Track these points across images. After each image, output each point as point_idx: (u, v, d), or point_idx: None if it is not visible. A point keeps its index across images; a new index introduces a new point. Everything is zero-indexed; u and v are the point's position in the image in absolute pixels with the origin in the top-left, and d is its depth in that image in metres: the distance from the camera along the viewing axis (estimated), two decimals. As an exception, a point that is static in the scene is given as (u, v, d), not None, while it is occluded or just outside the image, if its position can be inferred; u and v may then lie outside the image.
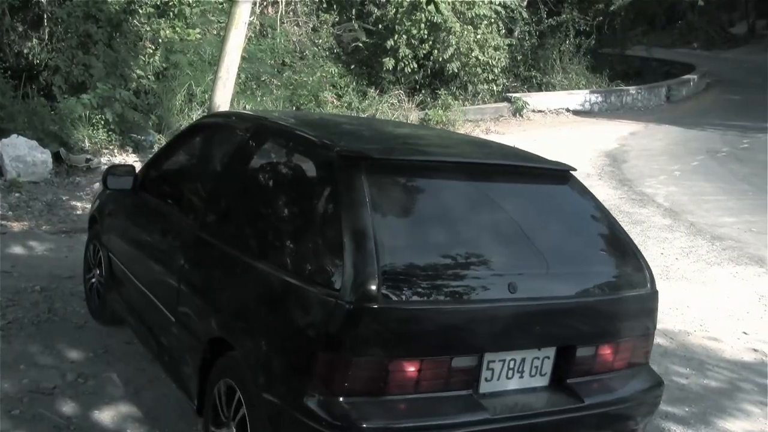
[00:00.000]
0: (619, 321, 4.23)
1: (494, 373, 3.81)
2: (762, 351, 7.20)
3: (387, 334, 3.50)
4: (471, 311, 3.73)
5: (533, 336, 3.87)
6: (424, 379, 3.59)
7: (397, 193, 4.04)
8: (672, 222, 11.77)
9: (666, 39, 42.35)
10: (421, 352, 3.58)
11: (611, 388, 4.16)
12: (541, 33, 25.44)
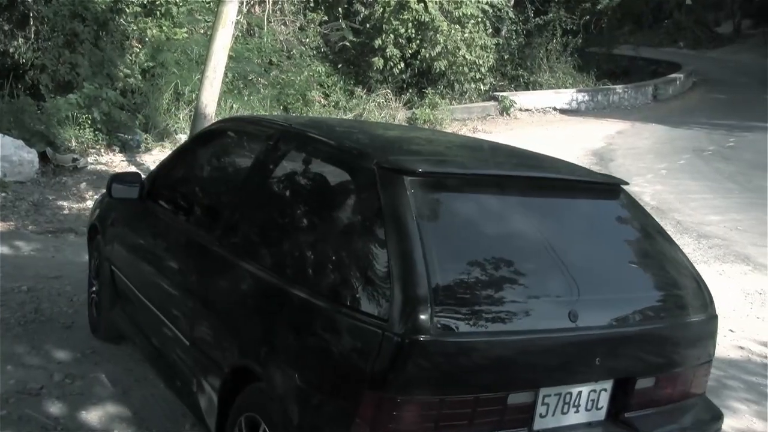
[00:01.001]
0: (680, 349, 3.92)
1: (549, 408, 3.46)
2: (748, 349, 7.23)
3: (440, 370, 3.13)
4: (529, 342, 3.36)
5: (593, 368, 3.53)
6: (477, 419, 3.25)
7: (445, 210, 3.59)
8: (659, 220, 11.75)
9: (653, 38, 42.52)
10: (476, 389, 3.23)
11: (671, 421, 3.86)
12: (528, 32, 25.49)
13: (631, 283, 3.91)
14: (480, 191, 3.74)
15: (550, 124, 22.00)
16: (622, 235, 4.21)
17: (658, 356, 3.82)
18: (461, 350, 3.15)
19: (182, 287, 4.57)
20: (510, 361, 3.31)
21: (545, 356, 3.41)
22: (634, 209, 4.27)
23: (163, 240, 5.14)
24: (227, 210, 4.49)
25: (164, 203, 5.32)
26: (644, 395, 3.72)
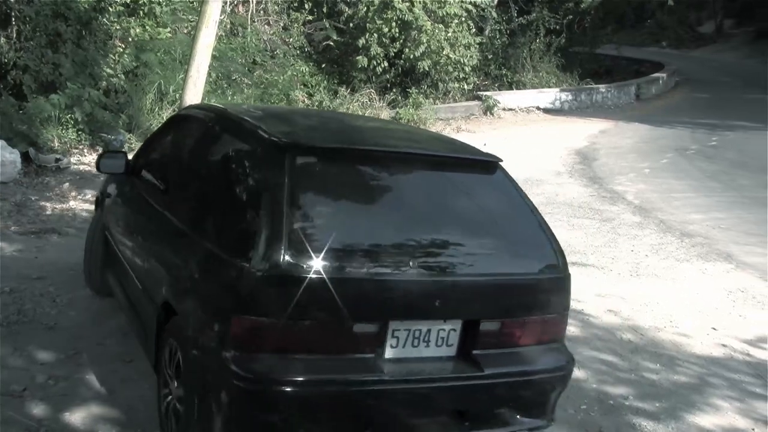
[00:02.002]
0: (525, 300, 4.59)
1: (399, 340, 4.18)
2: (731, 346, 7.27)
3: (292, 299, 3.89)
4: (373, 282, 4.09)
5: (437, 309, 4.21)
6: (326, 340, 4.03)
7: (319, 177, 4.36)
8: (642, 219, 11.86)
9: (635, 38, 42.74)
10: (323, 317, 3.99)
11: (515, 361, 4.49)
12: (512, 32, 25.54)
13: (483, 241, 4.59)
14: (355, 163, 4.55)
15: (533, 123, 22.06)
16: (487, 203, 4.84)
17: (503, 304, 4.48)
18: (310, 285, 3.91)
19: (140, 243, 5.61)
20: (354, 296, 4.03)
21: (390, 295, 4.15)
22: (506, 183, 4.97)
23: (135, 206, 6.10)
24: (171, 178, 5.56)
25: (139, 176, 6.20)
26: (490, 337, 4.40)
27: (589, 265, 9.50)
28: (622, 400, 5.99)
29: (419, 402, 4.29)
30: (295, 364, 3.98)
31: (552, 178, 14.63)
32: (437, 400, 4.33)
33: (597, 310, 7.92)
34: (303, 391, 3.99)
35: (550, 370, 4.63)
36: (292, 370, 3.96)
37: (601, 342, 7.14)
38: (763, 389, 6.42)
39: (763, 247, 10.66)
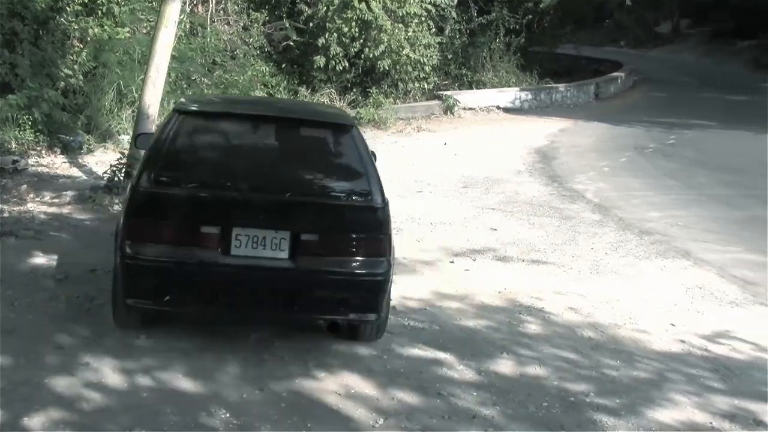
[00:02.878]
0: (342, 221, 6.15)
1: (242, 243, 5.89)
2: (689, 342, 7.34)
3: (158, 207, 6.02)
4: (219, 198, 6.03)
5: (270, 222, 5.93)
6: (183, 236, 5.94)
7: (199, 131, 6.55)
8: (601, 217, 11.95)
9: (594, 37, 43.08)
10: (181, 219, 5.98)
11: (332, 265, 6.02)
12: (472, 31, 25.63)
13: (316, 176, 6.44)
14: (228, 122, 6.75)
15: (493, 122, 22.15)
16: (333, 152, 6.68)
17: (321, 222, 6.08)
18: (171, 197, 6.00)
19: None
20: (201, 206, 6.03)
21: (233, 208, 6.03)
22: (352, 139, 6.45)
23: None
24: None
25: None
26: (313, 246, 6.02)
27: (549, 263, 9.57)
28: (582, 396, 6.03)
29: (256, 287, 6.02)
30: (163, 249, 5.90)
31: (512, 177, 14.70)
32: (270, 288, 6.04)
33: (557, 308, 7.97)
34: (167, 268, 5.91)
35: (364, 275, 6.08)
36: (160, 254, 5.89)
37: (561, 339, 7.19)
38: (720, 384, 6.49)
39: (721, 244, 10.78)
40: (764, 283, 9.22)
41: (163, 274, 5.92)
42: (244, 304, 6.12)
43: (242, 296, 6.05)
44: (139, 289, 5.97)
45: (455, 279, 8.74)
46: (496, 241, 10.40)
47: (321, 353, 6.41)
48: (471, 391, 5.97)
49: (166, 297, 5.89)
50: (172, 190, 5.98)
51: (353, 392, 5.79)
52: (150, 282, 5.90)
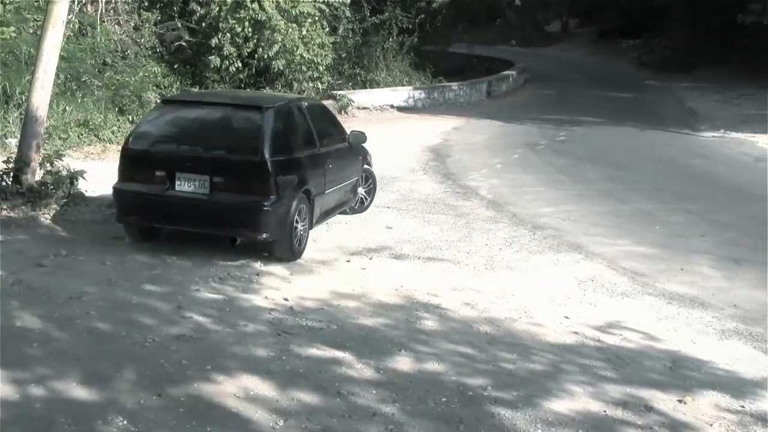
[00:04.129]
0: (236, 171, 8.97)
1: (181, 183, 8.98)
2: (582, 333, 7.51)
3: (132, 161, 9.30)
4: (167, 154, 9.27)
5: (197, 169, 8.93)
6: (147, 177, 9.13)
7: (172, 112, 10.00)
8: (495, 213, 12.13)
9: (486, 36, 43.63)
10: (145, 167, 9.20)
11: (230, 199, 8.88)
12: (365, 31, 25.70)
13: (229, 141, 9.41)
14: (191, 107, 10.17)
15: (388, 121, 22.26)
16: (245, 125, 9.50)
17: (224, 170, 8.96)
18: (138, 154, 9.28)
19: None
20: (156, 160, 9.19)
21: (174, 160, 9.11)
22: (262, 116, 9.27)
23: None
24: None
25: None
26: (221, 186, 8.87)
27: (444, 260, 9.67)
28: (480, 390, 6.11)
29: (187, 211, 9.01)
30: (133, 185, 9.22)
31: (407, 175, 14.81)
32: (196, 211, 8.99)
33: (454, 304, 8.07)
34: (133, 197, 9.21)
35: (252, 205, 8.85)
36: (130, 188, 9.21)
37: (458, 335, 7.27)
38: (613, 373, 6.66)
39: (610, 237, 11.08)
40: (652, 274, 9.52)
41: (131, 199, 9.26)
42: (181, 221, 9.17)
43: (180, 216, 9.09)
44: (122, 212, 9.36)
45: (352, 278, 8.77)
46: (392, 239, 10.47)
47: (220, 356, 6.35)
48: (370, 389, 5.98)
49: (136, 215, 9.38)
50: (139, 149, 9.34)
51: (252, 394, 5.75)
52: (125, 204, 9.33)
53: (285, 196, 8.94)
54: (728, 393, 6.41)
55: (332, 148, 10.50)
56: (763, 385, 6.62)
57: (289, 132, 9.73)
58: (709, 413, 6.05)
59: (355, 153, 11.32)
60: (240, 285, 8.27)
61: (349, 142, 11.04)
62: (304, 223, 9.34)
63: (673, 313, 8.26)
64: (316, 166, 9.82)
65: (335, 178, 10.37)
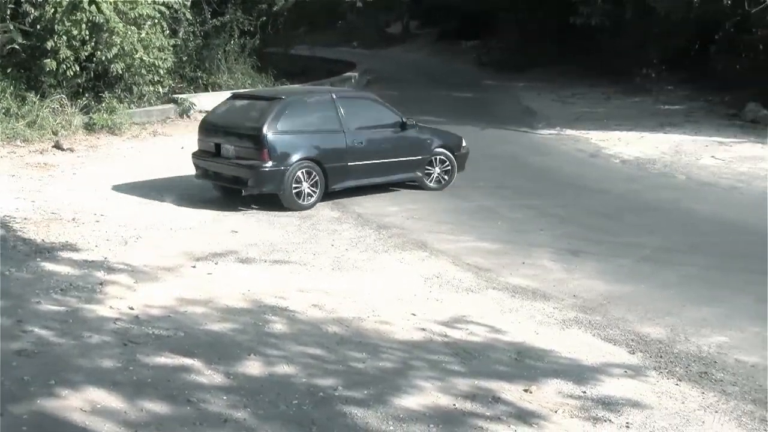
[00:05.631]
0: (249, 142, 12.44)
1: (222, 151, 12.71)
2: (430, 330, 7.65)
3: (200, 135, 13.49)
4: (214, 130, 13.20)
5: (228, 140, 12.70)
6: (206, 145, 13.20)
7: (230, 103, 13.88)
8: (341, 214, 12.22)
9: (329, 38, 43.74)
10: (204, 140, 13.34)
11: (242, 165, 12.35)
12: (206, 33, 25.34)
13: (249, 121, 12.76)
14: (243, 99, 14.53)
15: (232, 124, 21.96)
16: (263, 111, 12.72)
17: (241, 141, 12.57)
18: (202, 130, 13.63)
19: None
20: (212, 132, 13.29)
21: (216, 135, 13.09)
22: (278, 103, 12.78)
23: None
24: None
25: None
26: (241, 153, 12.46)
27: (291, 262, 9.69)
28: (331, 391, 6.16)
29: (222, 170, 12.76)
30: (199, 152, 13.28)
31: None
32: (227, 171, 12.67)
33: (301, 306, 8.09)
34: (198, 159, 13.18)
35: (254, 167, 12.19)
36: (199, 153, 13.29)
37: (307, 337, 7.31)
38: (460, 366, 6.83)
39: (454, 234, 11.34)
40: (495, 268, 9.79)
41: (199, 162, 13.09)
42: (220, 178, 12.98)
43: (219, 174, 12.94)
44: (196, 169, 13.19)
45: (198, 283, 8.69)
46: (237, 243, 10.41)
47: (64, 369, 6.18)
48: (221, 395, 5.95)
49: (201, 171, 13.16)
50: (206, 127, 13.36)
51: (100, 407, 5.62)
52: (197, 165, 13.15)
53: (282, 161, 12.29)
54: (570, 380, 6.67)
55: (369, 130, 13.45)
56: (602, 370, 6.92)
57: (298, 116, 12.89)
58: (554, 400, 6.29)
59: (415, 137, 13.97)
60: (83, 295, 8.07)
61: (404, 128, 13.71)
62: (311, 183, 12.54)
63: (516, 305, 8.51)
64: (333, 142, 12.94)
65: (370, 154, 13.29)
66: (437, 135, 14.56)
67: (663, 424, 5.98)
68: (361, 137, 13.21)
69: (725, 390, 6.63)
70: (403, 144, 13.75)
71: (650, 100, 25.70)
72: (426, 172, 14.08)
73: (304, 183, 12.45)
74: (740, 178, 15.69)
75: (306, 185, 12.46)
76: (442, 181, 14.17)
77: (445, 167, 14.18)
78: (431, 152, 14.05)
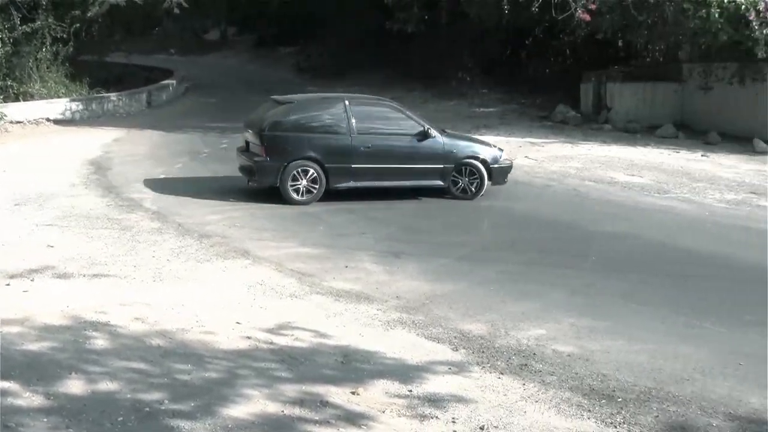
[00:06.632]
0: (256, 140, 13.87)
1: (249, 147, 14.27)
2: (255, 337, 7.62)
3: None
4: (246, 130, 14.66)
5: (251, 139, 14.23)
6: (243, 143, 14.77)
7: (264, 107, 14.94)
8: (161, 225, 11.98)
9: (145, 45, 42.88)
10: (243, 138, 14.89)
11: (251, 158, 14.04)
12: (16, 40, 24.32)
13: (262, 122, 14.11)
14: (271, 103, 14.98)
15: (44, 135, 21.36)
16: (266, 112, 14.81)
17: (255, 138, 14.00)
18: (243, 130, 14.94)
19: None
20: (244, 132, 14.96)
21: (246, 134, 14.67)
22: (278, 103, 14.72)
23: None
24: None
25: None
26: (254, 149, 14.00)
27: (111, 275, 9.43)
28: (157, 405, 6.04)
29: (244, 164, 14.30)
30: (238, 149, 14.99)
31: (67, 190, 14.27)
32: (247, 164, 14.16)
33: (123, 320, 7.89)
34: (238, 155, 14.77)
35: (254, 162, 13.84)
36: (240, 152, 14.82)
37: (130, 351, 7.14)
38: (287, 373, 6.84)
39: (276, 240, 11.35)
40: (319, 273, 9.86)
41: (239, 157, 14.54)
42: (243, 170, 14.30)
43: (244, 167, 14.28)
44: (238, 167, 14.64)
45: (13, 302, 8.33)
46: (54, 258, 10.05)
47: None
48: (41, 418, 5.75)
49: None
50: (244, 127, 14.78)
51: None
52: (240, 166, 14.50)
53: (281, 158, 13.46)
54: (397, 380, 6.79)
55: (380, 135, 14.07)
56: (427, 368, 7.08)
57: (302, 118, 14.12)
58: (381, 400, 6.39)
59: (436, 146, 14.19)
60: None
61: (423, 137, 14.08)
62: (309, 180, 13.55)
63: (341, 309, 8.59)
64: (337, 144, 13.88)
65: (378, 158, 13.90)
66: (468, 146, 14.74)
67: (487, 417, 6.17)
68: (369, 142, 13.87)
69: (544, 380, 6.93)
70: (420, 152, 14.15)
71: (466, 104, 26.53)
72: (452, 180, 14.29)
73: (303, 180, 13.52)
74: (552, 177, 16.50)
75: (304, 182, 13.53)
76: (469, 191, 14.32)
77: (473, 178, 14.32)
78: (457, 162, 14.26)
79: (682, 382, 6.95)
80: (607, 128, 23.21)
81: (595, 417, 6.27)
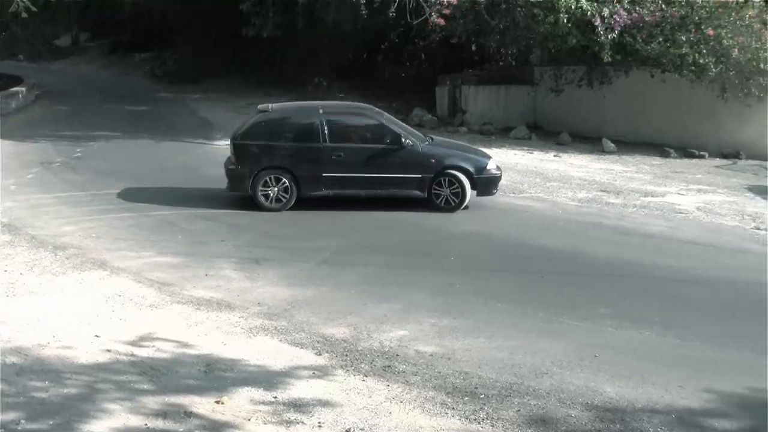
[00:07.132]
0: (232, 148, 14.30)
1: None
2: (115, 350, 7.48)
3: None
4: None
5: None
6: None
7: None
8: (13, 237, 11.58)
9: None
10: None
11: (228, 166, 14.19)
12: None
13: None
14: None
15: None
16: None
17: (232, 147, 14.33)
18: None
19: None
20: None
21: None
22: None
23: None
24: None
25: None
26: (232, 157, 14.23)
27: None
28: (14, 425, 5.89)
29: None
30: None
31: None
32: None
33: (-24, 337, 7.62)
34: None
35: (228, 170, 14.03)
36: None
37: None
38: (149, 385, 6.75)
39: (134, 250, 11.13)
40: (179, 282, 9.75)
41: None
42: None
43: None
44: None
45: None
46: None
47: None
48: None
49: None
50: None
51: None
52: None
53: (249, 166, 13.67)
54: (261, 387, 6.81)
55: (354, 144, 14.04)
56: (291, 374, 7.13)
57: (272, 127, 14.15)
58: (246, 408, 6.39)
59: (413, 155, 13.82)
60: None
61: (400, 145, 13.75)
62: (280, 188, 13.57)
63: (202, 318, 8.53)
64: (308, 152, 13.84)
65: (350, 167, 13.72)
66: (450, 155, 14.21)
67: (353, 420, 6.24)
68: (341, 150, 13.79)
69: (408, 380, 7.05)
70: (396, 161, 13.84)
71: (323, 108, 26.50)
72: (435, 192, 13.83)
73: (273, 188, 13.59)
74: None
75: (275, 190, 13.59)
76: (452, 202, 13.81)
77: (454, 189, 13.79)
78: (435, 172, 13.80)
79: (541, 375, 7.19)
80: (462, 130, 23.67)
81: (458, 414, 6.42)
